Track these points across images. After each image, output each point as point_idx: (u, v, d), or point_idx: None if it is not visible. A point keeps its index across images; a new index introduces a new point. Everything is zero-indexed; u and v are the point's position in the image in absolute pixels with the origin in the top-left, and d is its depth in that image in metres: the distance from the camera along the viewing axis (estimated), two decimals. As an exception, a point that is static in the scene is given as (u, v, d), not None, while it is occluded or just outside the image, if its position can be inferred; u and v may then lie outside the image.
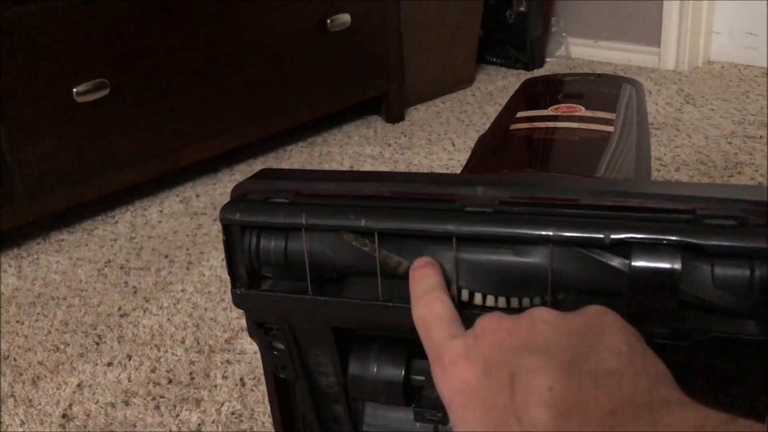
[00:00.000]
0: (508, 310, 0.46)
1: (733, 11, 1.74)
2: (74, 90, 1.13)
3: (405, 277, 0.48)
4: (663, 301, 0.42)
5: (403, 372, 0.50)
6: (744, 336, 0.42)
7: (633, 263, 0.42)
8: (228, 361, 0.87)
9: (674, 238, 0.41)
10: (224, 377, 0.85)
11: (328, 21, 1.41)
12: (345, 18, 1.44)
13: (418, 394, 0.53)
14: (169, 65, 1.24)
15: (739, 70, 1.73)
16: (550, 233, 0.43)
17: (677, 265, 0.41)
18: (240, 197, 0.51)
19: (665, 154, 1.32)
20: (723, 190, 0.43)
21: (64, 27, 1.10)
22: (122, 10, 1.16)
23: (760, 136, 1.36)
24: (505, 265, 0.46)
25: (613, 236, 0.42)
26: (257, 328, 0.53)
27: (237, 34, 1.31)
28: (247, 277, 0.51)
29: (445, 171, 1.37)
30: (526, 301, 0.47)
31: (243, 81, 1.35)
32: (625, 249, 0.43)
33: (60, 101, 1.13)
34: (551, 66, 1.94)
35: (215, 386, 0.83)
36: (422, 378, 0.50)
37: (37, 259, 1.17)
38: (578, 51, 1.97)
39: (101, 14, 1.14)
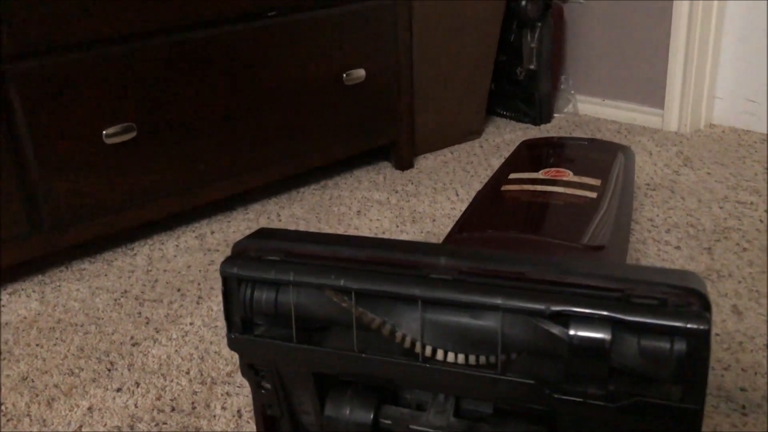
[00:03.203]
0: (467, 366, 0.53)
1: (735, 77, 1.81)
2: (104, 132, 1.22)
3: (378, 331, 0.54)
4: (595, 367, 0.48)
5: (372, 416, 0.56)
6: (664, 401, 0.48)
7: (570, 332, 0.49)
8: (228, 393, 0.94)
9: (605, 313, 0.48)
10: (223, 408, 0.91)
11: (344, 75, 1.51)
12: (360, 72, 1.53)
13: (387, 436, 0.60)
14: (192, 111, 1.33)
15: (738, 135, 1.79)
16: (500, 301, 0.50)
17: (608, 336, 0.48)
18: (239, 253, 0.58)
19: (657, 215, 1.38)
20: (651, 273, 0.50)
21: (97, 75, 1.20)
22: (151, 60, 1.26)
23: (751, 203, 1.41)
24: (463, 326, 0.53)
25: (552, 308, 0.49)
26: (248, 369, 0.61)
27: (258, 85, 1.40)
28: (242, 324, 0.59)
29: (447, 219, 1.44)
30: (482, 358, 0.54)
31: (261, 127, 1.44)
32: (565, 319, 0.49)
33: (90, 141, 1.22)
34: (558, 122, 2.01)
35: (214, 416, 0.90)
36: (389, 422, 0.56)
37: (59, 286, 1.25)
38: (586, 108, 2.05)
39: (131, 64, 1.24)
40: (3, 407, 0.94)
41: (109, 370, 1.01)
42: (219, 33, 1.33)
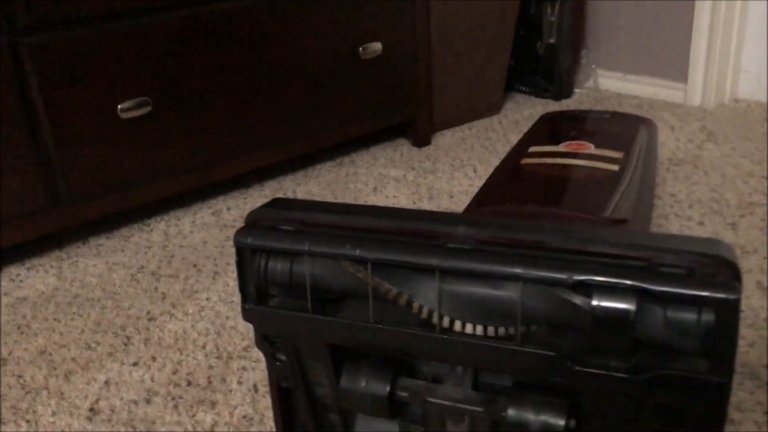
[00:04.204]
0: (485, 337, 0.52)
1: (761, 50, 1.76)
2: (119, 107, 1.22)
3: (394, 302, 0.53)
4: (619, 338, 0.47)
5: (388, 388, 0.55)
6: (691, 374, 0.46)
7: (593, 302, 0.47)
8: (244, 368, 0.94)
9: (630, 282, 0.46)
10: (239, 383, 0.91)
11: (360, 49, 1.48)
12: (377, 46, 1.51)
13: (403, 409, 0.59)
14: (208, 86, 1.32)
15: (765, 109, 1.75)
16: (520, 271, 0.48)
17: (632, 307, 0.46)
18: (253, 223, 0.57)
19: (680, 191, 1.35)
20: (678, 241, 0.48)
21: (112, 49, 1.19)
22: (166, 35, 1.24)
23: (777, 178, 1.38)
24: (481, 296, 0.51)
25: (575, 277, 0.47)
26: (263, 340, 0.60)
27: (273, 59, 1.39)
28: (256, 294, 0.58)
29: (465, 196, 1.42)
30: (501, 330, 0.52)
31: (277, 103, 1.42)
32: (588, 289, 0.48)
33: (105, 116, 1.21)
34: (579, 97, 1.98)
35: (230, 391, 0.89)
36: (406, 394, 0.55)
37: (77, 261, 1.25)
38: (607, 83, 2.01)
39: (147, 38, 1.22)
40: (21, 380, 0.94)
41: (125, 344, 1.01)
42: (234, 6, 1.31)
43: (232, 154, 1.40)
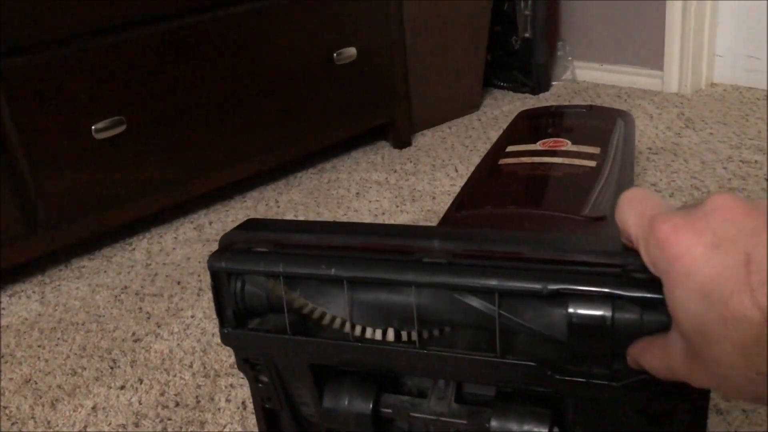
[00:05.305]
0: (464, 351, 0.51)
1: (735, 35, 1.77)
2: (93, 127, 1.20)
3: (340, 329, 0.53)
4: (598, 346, 0.47)
5: (371, 405, 0.55)
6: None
7: (569, 311, 0.47)
8: (232, 385, 0.93)
9: (605, 290, 0.46)
10: (227, 401, 0.90)
11: (335, 55, 1.48)
12: (351, 51, 1.50)
13: (388, 426, 0.58)
14: (182, 101, 1.31)
15: (740, 92, 1.75)
16: (495, 283, 0.48)
17: (608, 313, 0.46)
18: (227, 246, 0.56)
19: (661, 180, 1.36)
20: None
21: (84, 70, 1.18)
22: (136, 52, 1.23)
23: (756, 161, 1.38)
24: (458, 309, 0.51)
25: (550, 287, 0.47)
26: (244, 363, 0.59)
27: (248, 70, 1.38)
28: (234, 317, 0.57)
29: (447, 197, 1.42)
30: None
31: (254, 114, 1.41)
32: (563, 298, 0.48)
33: (80, 138, 1.20)
34: (557, 90, 1.98)
35: (219, 409, 0.89)
36: (390, 411, 0.55)
37: (59, 285, 1.24)
38: (584, 74, 2.01)
39: (117, 56, 1.21)
40: (7, 411, 0.93)
41: (111, 368, 1.00)
42: (204, 19, 1.30)
43: (211, 167, 1.39)
